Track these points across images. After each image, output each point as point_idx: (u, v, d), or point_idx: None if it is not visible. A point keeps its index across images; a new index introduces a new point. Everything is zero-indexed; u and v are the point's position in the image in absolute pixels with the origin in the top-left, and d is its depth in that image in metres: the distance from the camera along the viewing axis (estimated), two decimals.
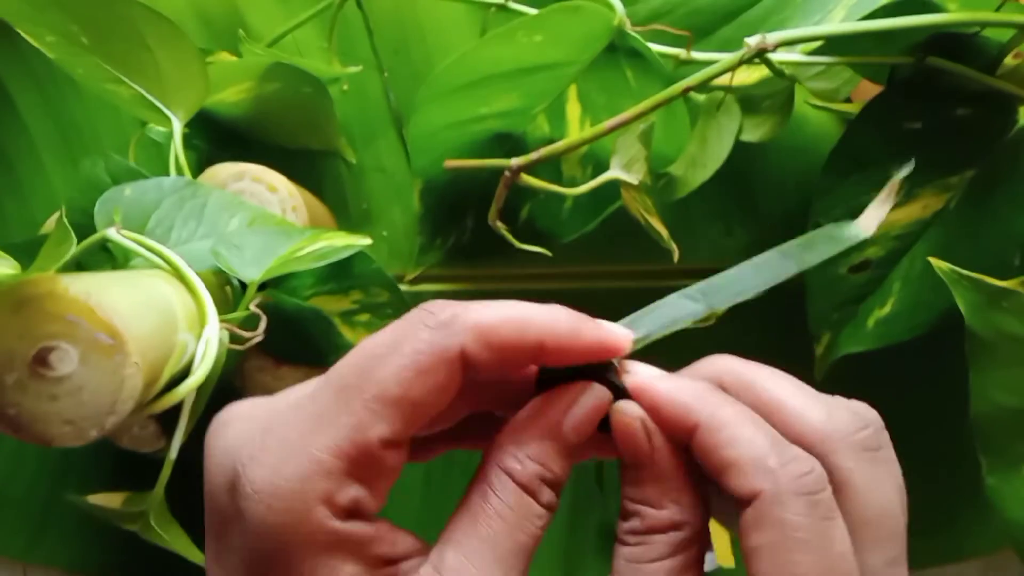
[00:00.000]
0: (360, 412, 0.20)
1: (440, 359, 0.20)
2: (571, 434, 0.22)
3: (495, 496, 0.21)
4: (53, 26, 0.36)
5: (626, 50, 0.40)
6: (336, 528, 0.20)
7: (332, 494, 0.20)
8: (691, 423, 0.21)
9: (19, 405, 0.26)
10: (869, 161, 0.40)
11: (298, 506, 0.19)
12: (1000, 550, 0.48)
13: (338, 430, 0.20)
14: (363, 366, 0.20)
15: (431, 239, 0.47)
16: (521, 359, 0.21)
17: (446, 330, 0.21)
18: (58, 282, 0.25)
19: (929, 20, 0.34)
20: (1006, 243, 0.39)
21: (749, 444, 0.20)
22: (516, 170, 0.39)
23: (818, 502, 0.20)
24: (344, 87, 0.49)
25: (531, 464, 0.21)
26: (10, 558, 0.46)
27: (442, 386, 0.21)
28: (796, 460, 0.20)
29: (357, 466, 0.20)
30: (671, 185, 0.44)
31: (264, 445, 0.20)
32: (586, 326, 0.22)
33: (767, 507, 0.20)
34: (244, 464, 0.20)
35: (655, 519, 0.22)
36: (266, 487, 0.20)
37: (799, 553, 0.19)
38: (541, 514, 0.21)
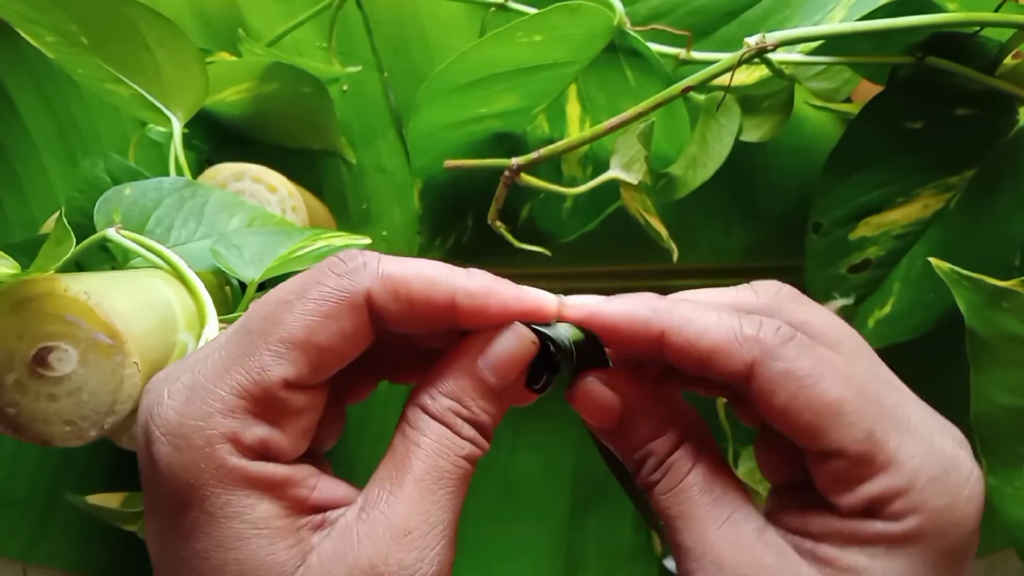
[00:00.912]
0: (263, 354, 0.20)
1: (345, 304, 0.21)
2: (488, 373, 0.22)
3: (410, 428, 0.21)
4: (53, 26, 0.36)
5: (626, 50, 0.40)
6: (243, 466, 0.20)
7: (237, 433, 0.20)
8: (655, 331, 0.22)
9: (19, 405, 0.26)
10: (869, 161, 0.40)
11: (201, 444, 0.20)
12: (1000, 550, 0.48)
13: (242, 372, 0.20)
14: (269, 311, 0.21)
15: (431, 239, 0.47)
16: (434, 316, 0.21)
17: (352, 276, 0.21)
18: (58, 282, 0.25)
19: (929, 20, 0.34)
20: (1006, 243, 0.39)
21: (720, 327, 0.21)
22: (516, 170, 0.39)
23: (802, 341, 0.21)
24: (344, 87, 0.49)
25: (443, 399, 0.21)
26: (10, 558, 0.46)
27: (348, 332, 0.21)
28: (765, 322, 0.21)
29: (262, 406, 0.20)
30: (671, 185, 0.44)
31: (172, 391, 0.20)
32: (503, 287, 0.22)
33: (766, 369, 0.20)
34: (153, 412, 0.20)
35: (666, 445, 0.22)
36: (171, 428, 0.20)
37: (822, 382, 0.20)
38: (461, 444, 0.21)
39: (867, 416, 0.20)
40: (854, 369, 0.21)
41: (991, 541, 0.47)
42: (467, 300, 0.21)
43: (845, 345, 0.22)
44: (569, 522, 0.47)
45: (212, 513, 0.20)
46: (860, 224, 0.40)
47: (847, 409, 0.20)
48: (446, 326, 0.22)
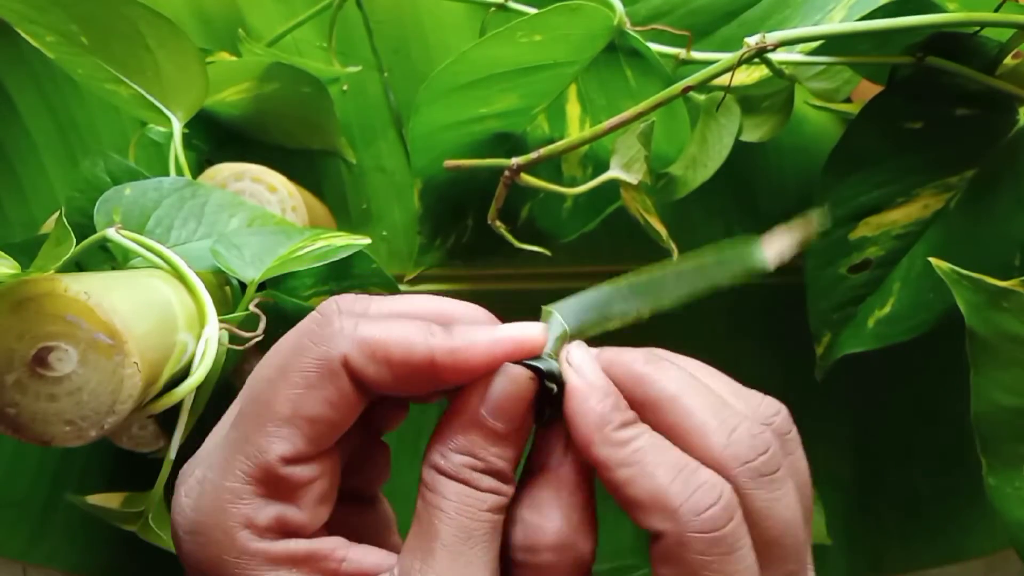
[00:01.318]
0: (258, 437, 0.21)
1: (323, 373, 0.21)
2: (493, 418, 0.21)
3: (429, 492, 0.21)
4: (53, 26, 0.36)
5: (626, 50, 0.40)
6: (264, 547, 0.20)
7: (251, 517, 0.20)
8: (593, 458, 0.21)
9: (19, 405, 0.25)
10: (869, 161, 0.40)
11: (219, 536, 0.20)
12: (1000, 550, 0.48)
13: (242, 458, 0.21)
14: (257, 393, 0.21)
15: (431, 239, 0.47)
16: (417, 377, 0.21)
17: (329, 343, 0.21)
18: (58, 282, 0.25)
19: (929, 20, 0.34)
20: (1006, 243, 0.39)
21: (649, 481, 0.20)
22: (516, 169, 0.39)
23: (720, 539, 0.20)
24: (344, 87, 0.49)
25: (456, 456, 0.21)
26: (10, 558, 0.46)
27: (333, 400, 0.21)
28: (700, 490, 0.20)
29: (269, 487, 0.21)
30: (671, 185, 0.44)
31: (187, 489, 0.22)
32: (480, 336, 0.21)
33: (670, 547, 0.20)
34: (175, 512, 0.21)
35: (537, 530, 0.21)
36: (191, 526, 0.21)
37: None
38: (483, 498, 0.21)
39: None
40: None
41: (991, 541, 0.48)
42: (448, 358, 0.21)
43: (769, 551, 0.21)
44: None
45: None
46: (860, 224, 0.40)
47: None
48: (432, 386, 0.22)
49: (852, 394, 0.47)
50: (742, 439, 0.21)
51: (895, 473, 0.48)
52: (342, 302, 0.22)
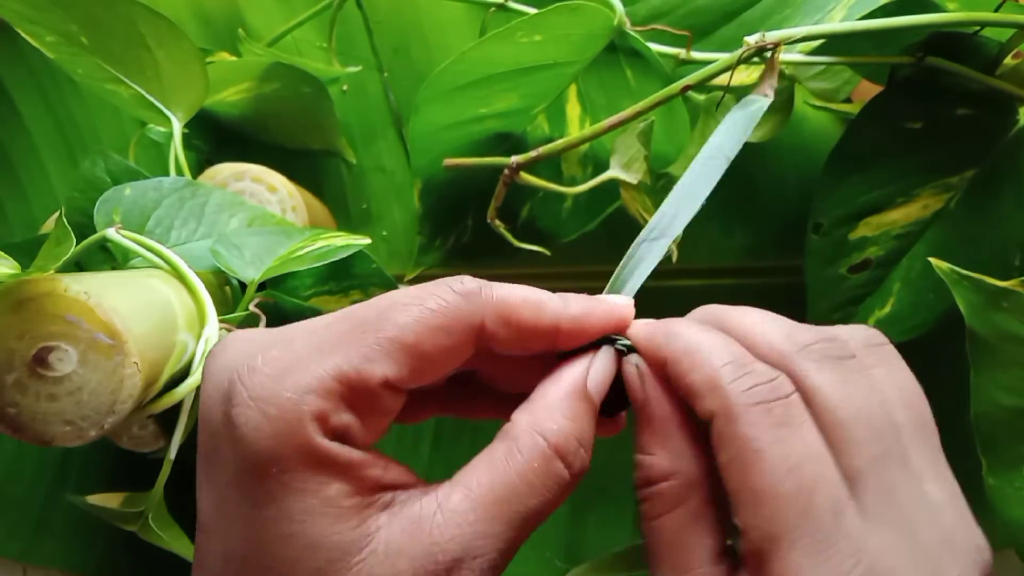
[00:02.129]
0: (371, 346, 0.20)
1: (459, 322, 0.21)
2: (595, 394, 0.22)
3: (519, 455, 0.21)
4: (53, 26, 0.36)
5: (626, 50, 0.40)
6: (325, 446, 0.20)
7: (327, 414, 0.20)
8: (661, 358, 0.22)
9: (19, 405, 0.25)
10: (869, 161, 0.40)
11: (292, 417, 0.20)
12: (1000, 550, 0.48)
13: (346, 357, 0.20)
14: (386, 308, 0.21)
15: (431, 239, 0.47)
16: (538, 340, 0.22)
17: (471, 298, 0.22)
18: (58, 282, 0.25)
19: (929, 20, 0.34)
20: (1006, 243, 0.39)
21: (703, 366, 0.21)
22: (515, 168, 0.39)
23: (770, 409, 0.20)
24: (344, 87, 0.49)
25: (567, 423, 0.21)
26: (10, 558, 0.46)
27: (454, 348, 0.21)
28: (750, 374, 0.21)
29: (355, 395, 0.20)
30: (671, 185, 0.44)
31: (268, 359, 0.20)
32: (595, 307, 0.23)
33: (722, 424, 0.20)
34: (242, 374, 0.20)
35: (647, 467, 0.22)
36: (264, 394, 0.20)
37: (758, 463, 0.20)
38: (565, 480, 0.21)
39: (783, 520, 0.19)
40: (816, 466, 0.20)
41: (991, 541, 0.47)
42: (570, 324, 0.23)
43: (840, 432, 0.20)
44: (569, 522, 0.47)
45: (287, 484, 0.20)
46: (860, 224, 0.40)
47: (765, 502, 0.19)
48: (546, 348, 0.23)
49: None
50: (803, 330, 0.22)
51: None
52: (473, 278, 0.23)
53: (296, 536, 0.20)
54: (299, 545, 0.20)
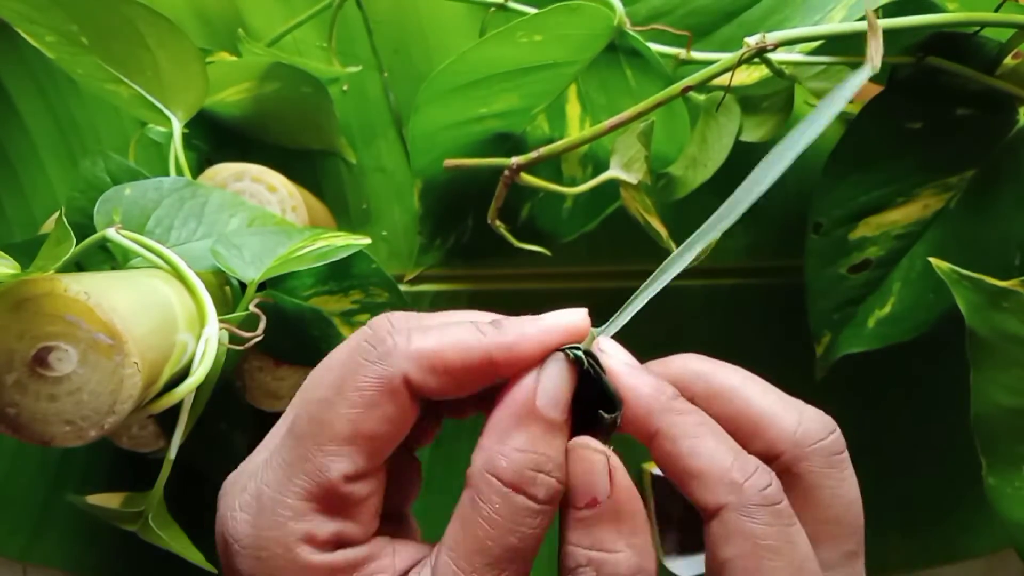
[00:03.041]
0: (319, 456, 0.21)
1: (383, 391, 0.21)
2: (549, 409, 0.21)
3: (481, 504, 0.20)
4: (53, 26, 0.36)
5: (626, 50, 0.40)
6: (322, 560, 0.21)
7: (312, 533, 0.21)
8: (651, 428, 0.21)
9: (18, 405, 0.25)
10: (869, 161, 0.40)
11: (280, 551, 0.21)
12: (1000, 550, 0.48)
13: (303, 477, 0.21)
14: (313, 413, 0.21)
15: (431, 239, 0.47)
16: (475, 378, 0.21)
17: (386, 361, 0.21)
18: (57, 282, 0.25)
19: (929, 20, 0.34)
20: (1006, 243, 0.39)
21: (711, 457, 0.21)
22: (516, 169, 0.39)
23: (780, 511, 0.21)
24: (344, 87, 0.49)
25: (519, 456, 0.20)
26: (10, 558, 0.46)
27: (392, 416, 0.21)
28: (757, 473, 0.21)
29: (328, 504, 0.21)
30: (671, 185, 0.44)
31: (241, 504, 0.22)
32: (530, 326, 0.22)
33: (734, 519, 0.20)
34: (227, 528, 0.22)
35: (612, 566, 0.21)
36: (250, 541, 0.21)
37: (770, 560, 0.20)
38: (535, 511, 0.20)
39: None
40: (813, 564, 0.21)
41: (991, 541, 0.48)
42: (504, 353, 0.21)
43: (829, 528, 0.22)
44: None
45: None
46: (860, 224, 0.40)
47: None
48: (489, 382, 0.22)
49: (852, 394, 0.47)
50: (813, 419, 0.22)
51: (895, 473, 0.48)
52: (394, 319, 0.22)
53: None
54: None
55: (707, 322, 0.48)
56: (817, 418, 0.22)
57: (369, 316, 0.39)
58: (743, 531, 0.20)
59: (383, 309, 0.39)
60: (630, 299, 0.23)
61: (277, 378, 0.38)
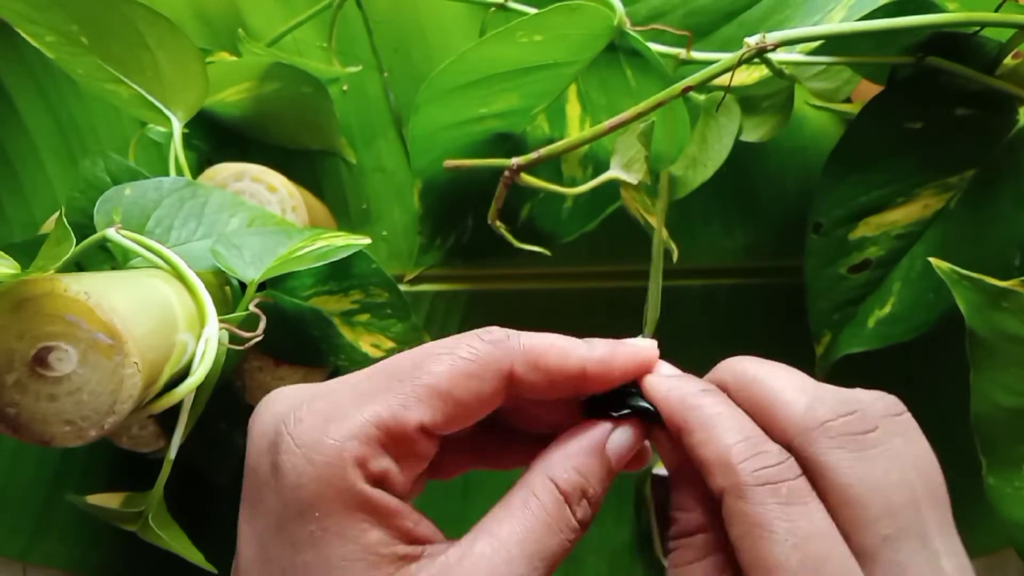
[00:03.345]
0: (408, 395, 0.22)
1: (490, 369, 0.23)
2: (612, 455, 0.23)
3: (535, 499, 0.22)
4: (53, 26, 0.36)
5: (626, 50, 0.40)
6: (366, 491, 0.21)
7: (367, 459, 0.21)
8: (676, 424, 0.23)
9: (19, 405, 0.25)
10: (869, 161, 0.40)
11: (335, 462, 0.21)
12: (1000, 550, 0.48)
13: (384, 405, 0.22)
14: (419, 359, 0.23)
15: (431, 239, 0.47)
16: (565, 383, 0.23)
17: (500, 346, 0.23)
18: (57, 282, 0.25)
19: (929, 20, 0.34)
20: (1006, 243, 0.39)
21: (716, 444, 0.22)
22: (516, 169, 0.39)
23: (778, 489, 0.21)
24: (344, 87, 0.49)
25: (575, 475, 0.23)
26: (10, 558, 0.46)
27: (486, 394, 0.23)
28: (763, 453, 0.21)
29: (394, 441, 0.22)
30: (671, 185, 0.44)
31: (312, 409, 0.22)
32: (620, 350, 0.24)
33: (732, 502, 0.21)
34: (289, 423, 0.22)
35: (684, 522, 0.23)
36: (309, 441, 0.21)
37: (766, 539, 0.20)
38: (574, 527, 0.22)
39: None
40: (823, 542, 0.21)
41: (991, 541, 0.48)
42: (596, 367, 0.23)
43: (851, 511, 0.21)
44: None
45: (328, 529, 0.21)
46: (860, 224, 0.40)
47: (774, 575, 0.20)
48: (574, 392, 0.24)
49: None
50: (825, 403, 0.22)
51: None
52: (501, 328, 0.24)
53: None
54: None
55: (707, 322, 0.48)
56: (833, 398, 0.22)
57: (369, 316, 0.39)
58: (739, 512, 0.21)
59: (383, 309, 0.39)
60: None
61: (277, 378, 0.38)
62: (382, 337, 0.39)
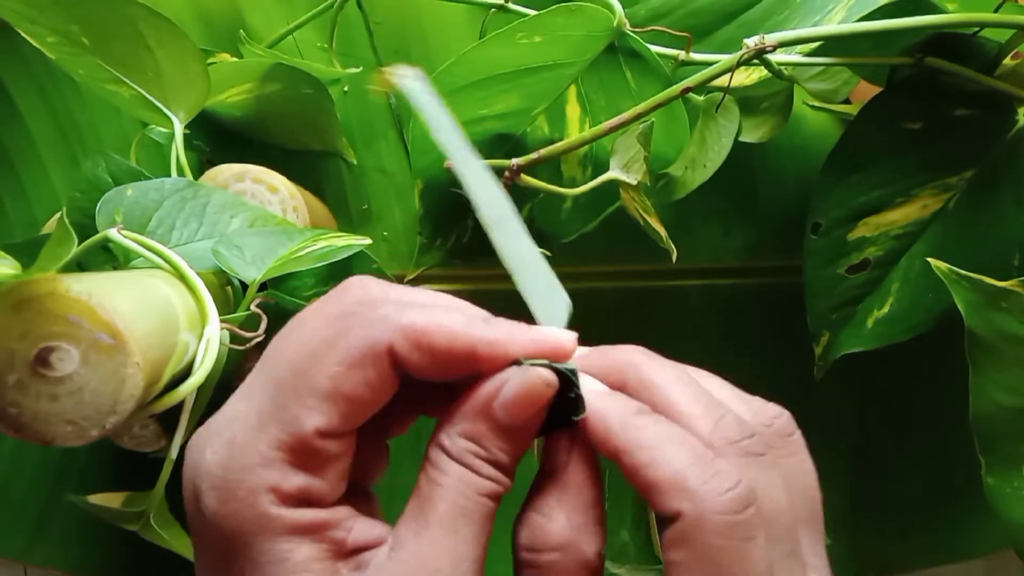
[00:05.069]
0: (296, 408, 0.21)
1: (368, 355, 0.21)
2: (502, 413, 0.22)
3: (432, 469, 0.22)
4: (54, 27, 0.36)
5: (625, 51, 0.40)
6: (284, 514, 0.21)
7: (278, 484, 0.21)
8: (612, 447, 0.22)
9: (20, 405, 0.26)
10: (868, 161, 0.40)
11: (245, 495, 0.21)
12: (1000, 550, 0.48)
13: (278, 425, 0.21)
14: (296, 364, 0.22)
15: (431, 239, 0.47)
16: (455, 365, 0.22)
17: (375, 327, 0.21)
18: (59, 282, 0.26)
19: (928, 20, 0.34)
20: (1006, 243, 0.39)
21: (668, 464, 0.21)
22: (517, 170, 0.39)
23: (738, 523, 0.20)
24: (345, 88, 0.49)
25: (461, 441, 0.22)
26: (10, 558, 0.46)
27: (373, 381, 0.21)
28: (719, 475, 0.20)
29: (299, 457, 0.21)
30: (670, 186, 0.44)
31: (214, 447, 0.22)
32: (521, 333, 0.22)
33: (688, 527, 0.20)
34: (198, 468, 0.22)
35: (542, 531, 0.22)
36: (216, 482, 0.21)
37: (720, 572, 0.20)
38: (482, 483, 0.21)
39: None
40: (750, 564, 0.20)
41: (991, 541, 0.48)
42: (487, 349, 0.22)
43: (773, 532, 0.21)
44: None
45: (256, 560, 0.21)
46: (859, 224, 0.40)
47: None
48: (467, 372, 0.22)
49: (852, 394, 0.47)
50: (729, 424, 0.22)
51: (895, 473, 0.48)
52: (383, 286, 0.22)
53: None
54: None
55: (707, 322, 0.48)
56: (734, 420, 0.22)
57: None
58: (694, 540, 0.20)
59: None
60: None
61: None
62: None
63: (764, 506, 0.21)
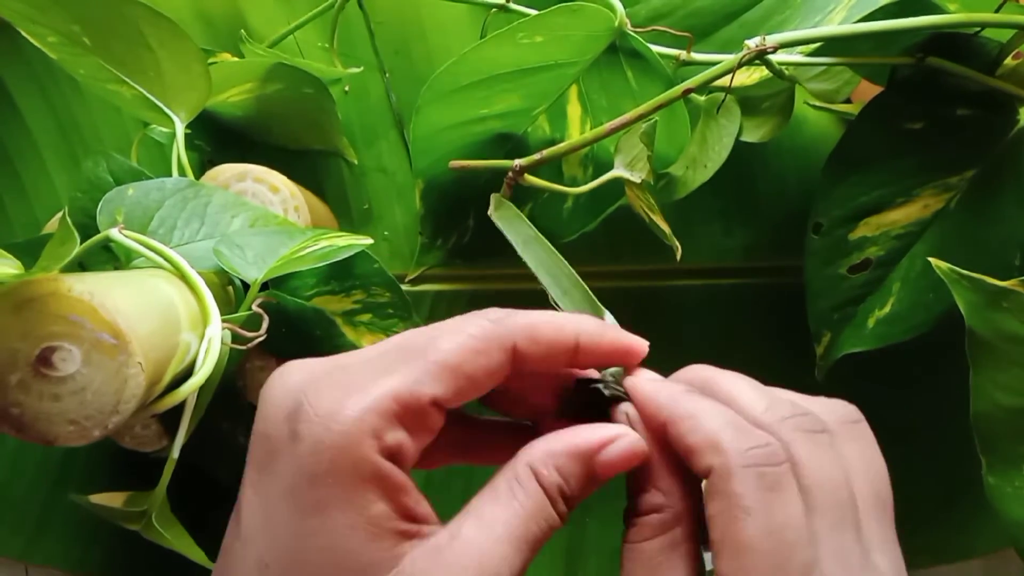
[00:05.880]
0: (421, 370, 0.23)
1: (496, 344, 0.24)
2: (601, 468, 0.24)
3: (519, 487, 0.23)
4: (55, 26, 0.36)
5: (627, 51, 0.40)
6: (379, 463, 0.22)
7: (383, 432, 0.22)
8: (661, 420, 0.24)
9: (22, 405, 0.26)
10: (869, 161, 0.40)
11: (353, 432, 0.22)
12: (1000, 550, 0.48)
13: (400, 380, 0.23)
14: (431, 335, 0.24)
15: (432, 239, 0.47)
16: (560, 354, 0.25)
17: (502, 323, 0.24)
18: (61, 282, 0.26)
19: (929, 20, 0.34)
20: (1006, 243, 0.39)
21: (705, 428, 0.23)
22: (520, 170, 0.39)
23: (764, 474, 0.22)
24: (346, 88, 0.49)
25: (555, 475, 0.24)
26: (11, 558, 0.46)
27: (492, 368, 0.24)
28: (752, 437, 0.22)
29: (408, 415, 0.23)
30: (671, 185, 0.44)
31: (331, 382, 0.23)
32: (609, 329, 0.26)
33: (717, 479, 0.22)
34: (308, 394, 0.23)
35: (640, 502, 0.24)
36: (328, 412, 0.22)
37: (743, 520, 0.21)
38: (552, 517, 0.23)
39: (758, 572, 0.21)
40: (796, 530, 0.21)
41: (991, 541, 0.48)
42: (587, 339, 0.25)
43: (808, 497, 0.22)
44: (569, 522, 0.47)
45: (337, 496, 0.22)
46: (860, 224, 0.40)
47: (745, 554, 0.21)
48: (568, 365, 0.25)
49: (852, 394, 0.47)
50: (782, 403, 0.24)
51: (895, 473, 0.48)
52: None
53: (334, 549, 0.22)
54: (334, 558, 0.22)
55: (707, 322, 0.48)
56: (788, 400, 0.24)
57: (371, 316, 0.39)
58: (723, 490, 0.22)
59: (385, 309, 0.39)
60: None
61: None
62: (384, 337, 0.39)
63: (811, 475, 0.22)
